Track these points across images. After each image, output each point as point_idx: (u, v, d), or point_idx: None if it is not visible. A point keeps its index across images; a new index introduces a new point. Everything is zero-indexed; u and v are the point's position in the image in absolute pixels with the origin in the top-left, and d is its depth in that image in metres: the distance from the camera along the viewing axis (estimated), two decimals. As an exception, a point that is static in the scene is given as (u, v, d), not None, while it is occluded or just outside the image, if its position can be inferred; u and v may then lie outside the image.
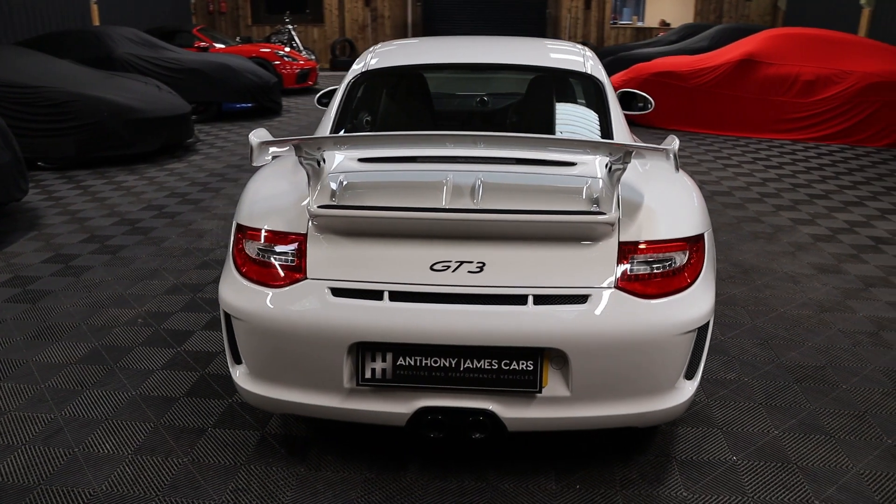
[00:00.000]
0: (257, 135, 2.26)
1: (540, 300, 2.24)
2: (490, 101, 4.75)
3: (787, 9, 18.51)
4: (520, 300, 2.23)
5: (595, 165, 2.61)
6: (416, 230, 2.29)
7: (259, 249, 2.41)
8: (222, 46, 13.94)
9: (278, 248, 2.38)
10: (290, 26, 18.22)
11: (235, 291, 2.41)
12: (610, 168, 2.32)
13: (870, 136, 8.96)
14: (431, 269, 2.27)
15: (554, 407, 2.31)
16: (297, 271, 2.34)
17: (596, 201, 2.34)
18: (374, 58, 3.46)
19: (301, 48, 17.20)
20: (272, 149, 2.25)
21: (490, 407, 2.30)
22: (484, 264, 2.26)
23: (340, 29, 20.13)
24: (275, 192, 2.62)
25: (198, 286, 4.26)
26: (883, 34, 12.76)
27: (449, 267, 2.26)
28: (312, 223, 2.36)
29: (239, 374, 2.50)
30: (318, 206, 2.28)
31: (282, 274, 2.36)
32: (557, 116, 3.32)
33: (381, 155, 2.68)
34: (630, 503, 2.42)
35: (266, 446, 2.71)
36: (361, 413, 2.36)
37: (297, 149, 2.25)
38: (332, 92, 4.46)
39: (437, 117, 3.83)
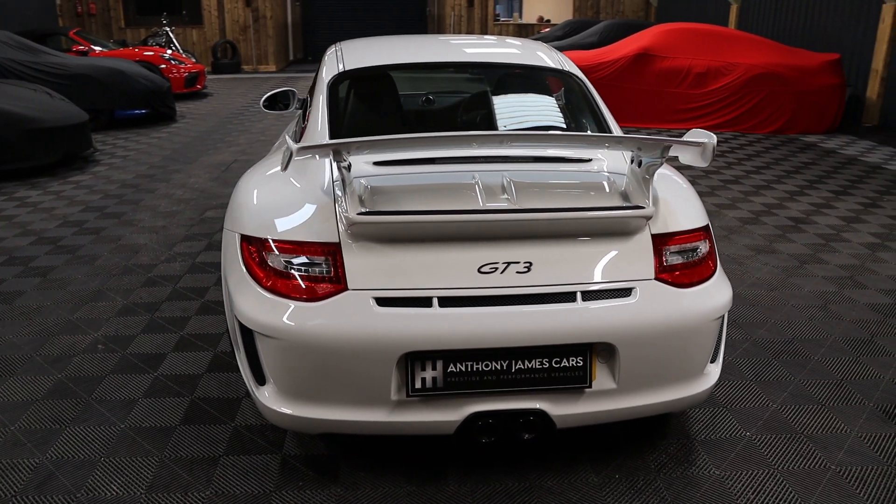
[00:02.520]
0: (293, 139, 2.16)
1: (588, 296, 2.25)
2: (436, 100, 4.70)
3: (658, 5, 19.55)
4: (569, 297, 2.24)
5: (611, 161, 2.65)
6: (461, 233, 2.24)
7: (286, 262, 2.28)
8: (102, 50, 13.08)
9: (308, 260, 2.26)
10: (168, 28, 17.35)
11: (261, 307, 2.27)
12: (640, 163, 2.36)
13: (757, 124, 9.62)
14: (479, 271, 2.23)
15: (602, 400, 2.33)
16: (335, 282, 2.24)
17: (627, 196, 2.39)
18: (347, 57, 3.34)
19: (180, 50, 16.40)
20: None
21: (540, 406, 2.29)
22: (531, 264, 2.25)
23: (221, 30, 19.38)
24: (283, 200, 2.48)
25: (152, 305, 3.98)
26: (749, 27, 13.75)
27: (497, 269, 2.23)
28: (346, 231, 2.25)
29: (267, 396, 2.36)
30: (358, 213, 2.18)
31: (317, 286, 2.24)
32: (552, 113, 3.34)
33: (394, 158, 2.60)
34: (671, 486, 2.49)
35: (291, 469, 2.57)
36: (409, 425, 2.29)
37: (336, 153, 2.15)
38: (277, 95, 4.28)
39: (422, 116, 3.77)
